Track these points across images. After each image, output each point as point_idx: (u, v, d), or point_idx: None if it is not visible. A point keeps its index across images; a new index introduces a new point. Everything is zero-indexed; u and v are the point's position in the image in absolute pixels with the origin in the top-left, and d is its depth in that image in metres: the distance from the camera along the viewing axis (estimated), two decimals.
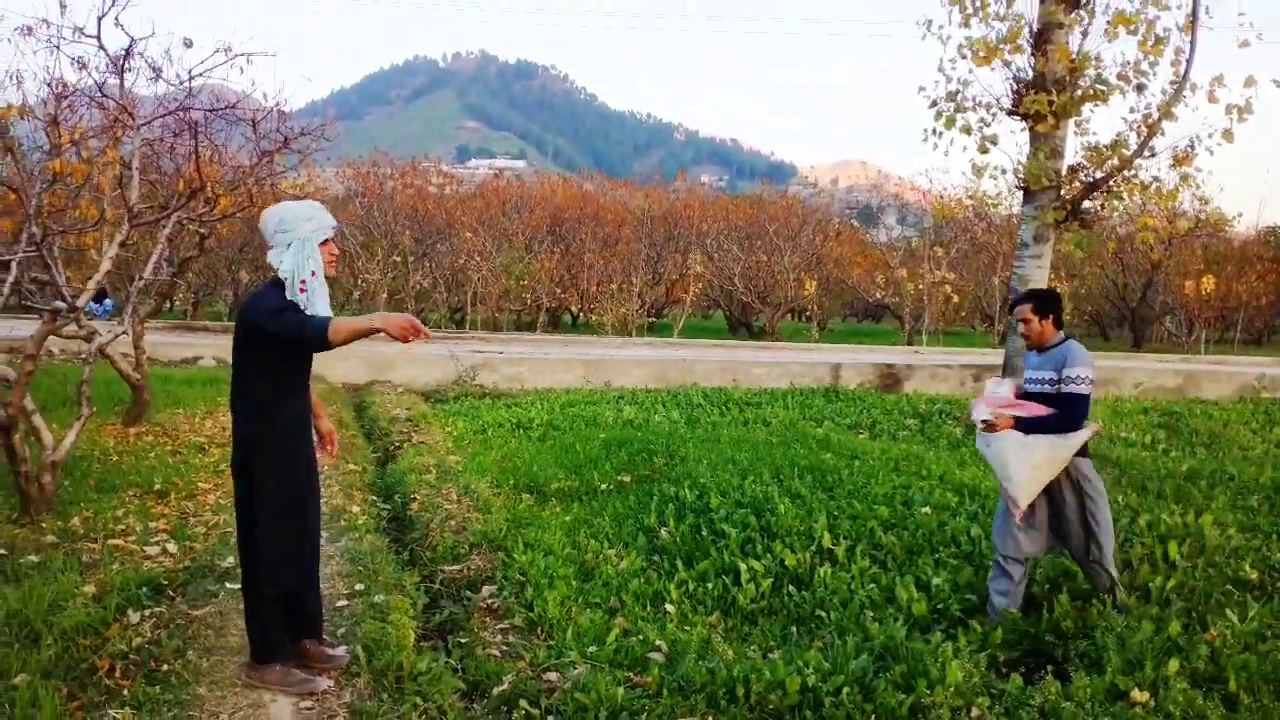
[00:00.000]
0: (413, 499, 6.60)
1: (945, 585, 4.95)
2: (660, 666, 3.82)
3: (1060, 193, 10.86)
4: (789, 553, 5.39)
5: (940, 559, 5.37)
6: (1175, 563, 5.17)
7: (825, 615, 4.72)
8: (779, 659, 3.85)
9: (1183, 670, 3.77)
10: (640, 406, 11.62)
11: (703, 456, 7.98)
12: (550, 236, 30.39)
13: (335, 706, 3.60)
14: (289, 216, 3.64)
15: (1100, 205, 11.07)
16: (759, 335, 30.07)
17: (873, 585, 5.02)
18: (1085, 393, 4.41)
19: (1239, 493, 7.01)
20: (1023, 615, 4.54)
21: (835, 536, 5.65)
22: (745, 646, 4.32)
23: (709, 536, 5.78)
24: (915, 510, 6.13)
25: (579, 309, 30.40)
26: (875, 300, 33.84)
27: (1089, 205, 10.91)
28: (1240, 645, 3.99)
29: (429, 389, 13.45)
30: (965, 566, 5.16)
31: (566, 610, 4.48)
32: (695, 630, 4.40)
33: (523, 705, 3.53)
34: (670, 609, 4.78)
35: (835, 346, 24.23)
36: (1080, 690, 3.64)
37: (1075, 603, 4.61)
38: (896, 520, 5.94)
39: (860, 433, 10.41)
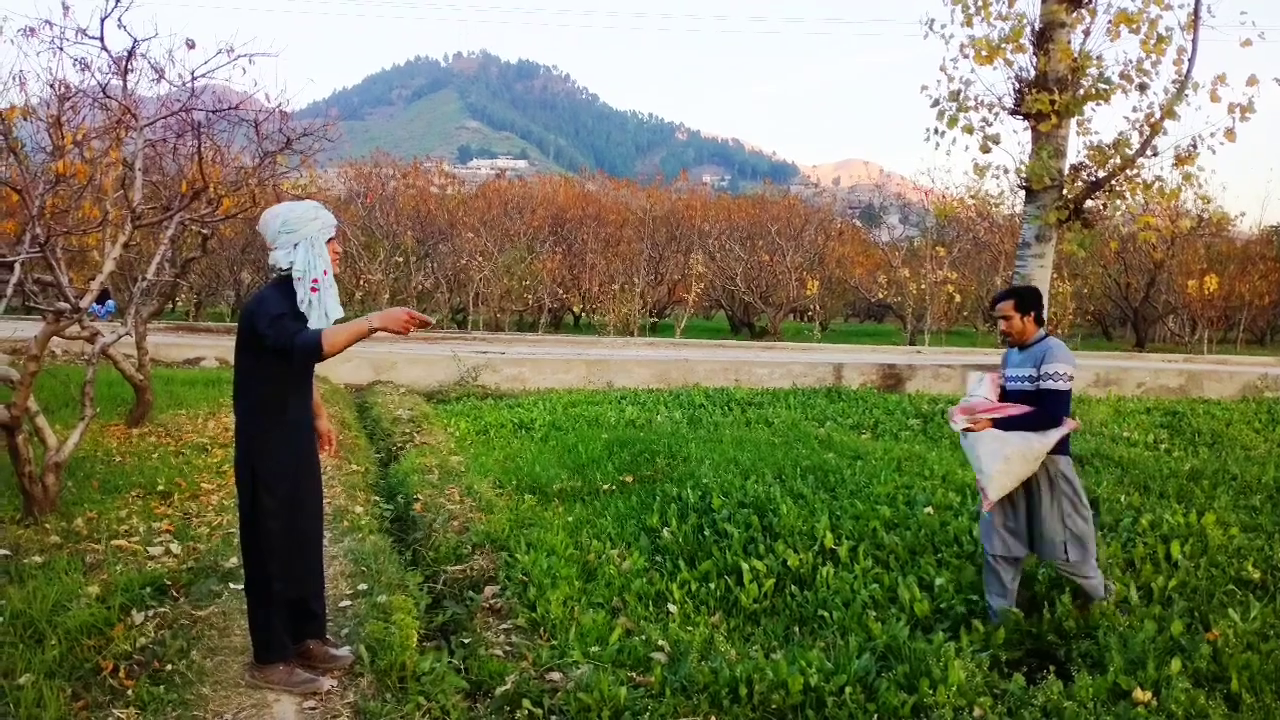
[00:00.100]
0: (415, 499, 6.61)
1: (948, 585, 4.96)
2: (663, 666, 3.83)
3: (1062, 192, 10.85)
4: (791, 553, 5.40)
5: (943, 559, 5.38)
6: (1178, 562, 5.17)
7: (828, 615, 4.72)
8: (782, 659, 3.85)
9: (1185, 670, 3.78)
10: (642, 407, 11.63)
11: (705, 457, 7.99)
12: (552, 237, 30.41)
13: (339, 706, 3.61)
14: (293, 217, 3.62)
15: (1103, 205, 11.05)
16: (761, 335, 30.07)
17: (875, 585, 5.02)
18: (1064, 389, 4.39)
19: (1241, 492, 7.01)
20: (1025, 615, 4.54)
21: (838, 536, 5.65)
22: (748, 646, 4.33)
23: (711, 537, 5.79)
24: (918, 510, 6.13)
25: (581, 309, 30.39)
26: (877, 300, 33.85)
27: (1091, 205, 10.89)
28: (1243, 645, 4.00)
29: (431, 389, 13.47)
30: (968, 566, 5.16)
31: (569, 610, 4.49)
32: (698, 630, 4.40)
33: (526, 705, 3.53)
34: (673, 609, 4.79)
35: (837, 346, 24.22)
36: (1082, 690, 3.64)
37: (1077, 602, 4.61)
38: (899, 520, 5.94)
39: (862, 433, 10.41)
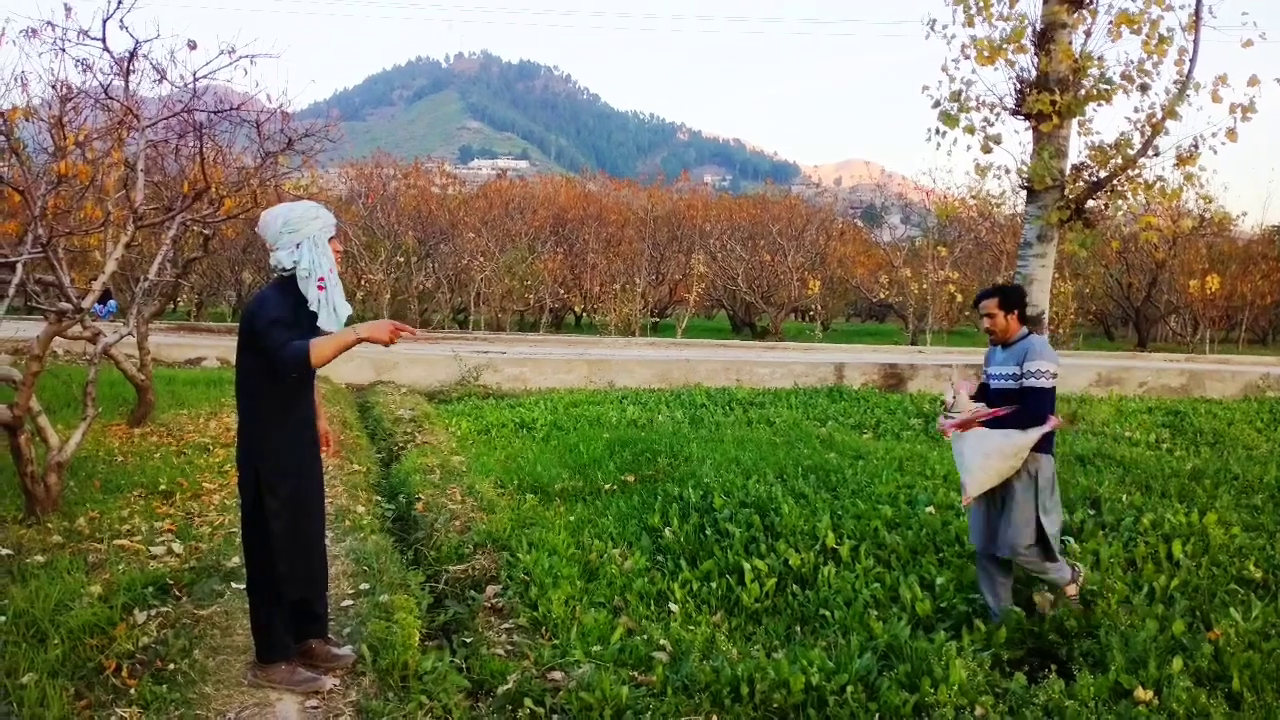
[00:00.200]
0: (417, 499, 6.61)
1: (949, 584, 4.96)
2: (664, 666, 3.83)
3: (1064, 192, 10.84)
4: (793, 552, 5.40)
5: (944, 558, 5.38)
6: (1179, 561, 5.18)
7: (829, 614, 4.72)
8: (783, 658, 3.86)
9: (1187, 669, 3.78)
10: (644, 406, 11.63)
11: (706, 456, 7.99)
12: (553, 237, 30.40)
13: (341, 705, 3.61)
14: (294, 217, 3.63)
15: (1104, 205, 11.04)
16: (762, 335, 30.05)
17: (877, 585, 5.03)
18: (1047, 387, 4.40)
19: (1243, 492, 7.01)
20: (1026, 614, 4.55)
21: (839, 536, 5.66)
22: (749, 646, 4.33)
23: (713, 536, 5.79)
24: (919, 510, 6.14)
25: (582, 309, 30.39)
26: (879, 300, 33.80)
27: (1093, 205, 10.88)
28: (1244, 644, 4.00)
29: (433, 389, 13.47)
30: (969, 566, 5.16)
31: (571, 610, 4.49)
32: (699, 629, 4.41)
33: (527, 704, 3.54)
34: (674, 608, 4.79)
35: (839, 346, 24.21)
36: (1084, 689, 3.65)
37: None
38: (900, 520, 5.95)
39: (864, 432, 10.41)
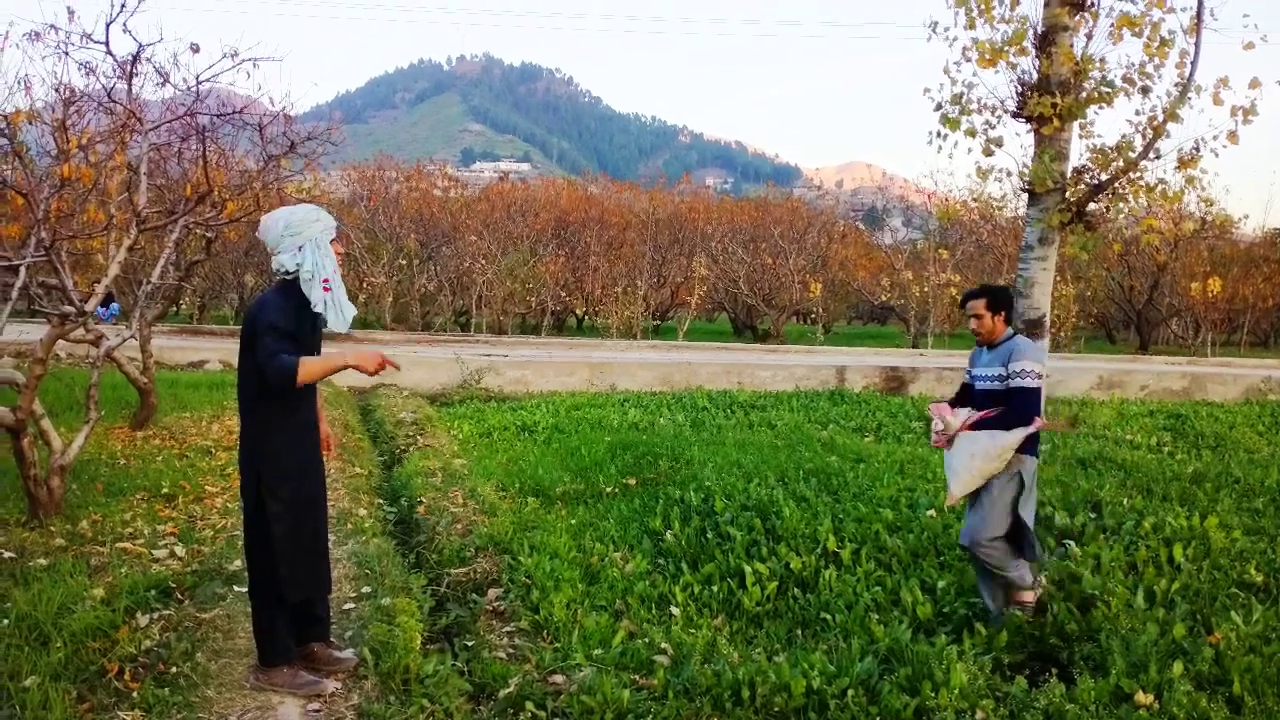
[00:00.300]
0: (419, 502, 6.62)
1: (950, 588, 4.96)
2: (666, 669, 3.84)
3: (1065, 195, 10.84)
4: (794, 556, 5.41)
5: (945, 562, 5.38)
6: (1180, 565, 5.17)
7: (830, 618, 4.73)
8: (784, 662, 3.86)
9: (1187, 673, 3.78)
10: (645, 410, 11.63)
11: (708, 460, 8.00)
12: (555, 239, 30.41)
13: (343, 709, 3.62)
14: (295, 220, 3.64)
15: (1105, 207, 11.04)
16: (764, 338, 30.05)
17: (878, 588, 5.03)
18: (1034, 387, 4.40)
19: (1244, 495, 7.00)
20: (1027, 618, 4.54)
21: (840, 539, 5.66)
22: (750, 649, 4.34)
23: (714, 539, 5.80)
24: (920, 513, 6.14)
25: (584, 312, 30.41)
26: (880, 303, 33.81)
27: (1094, 207, 10.88)
28: (1245, 648, 4.00)
29: (434, 392, 13.48)
30: (970, 569, 5.15)
31: (572, 613, 4.50)
32: (700, 633, 4.41)
33: (529, 707, 3.55)
34: (675, 612, 4.80)
35: (840, 349, 24.20)
36: (1085, 693, 3.65)
37: (1079, 606, 4.61)
38: (901, 523, 5.95)
39: (865, 436, 10.41)
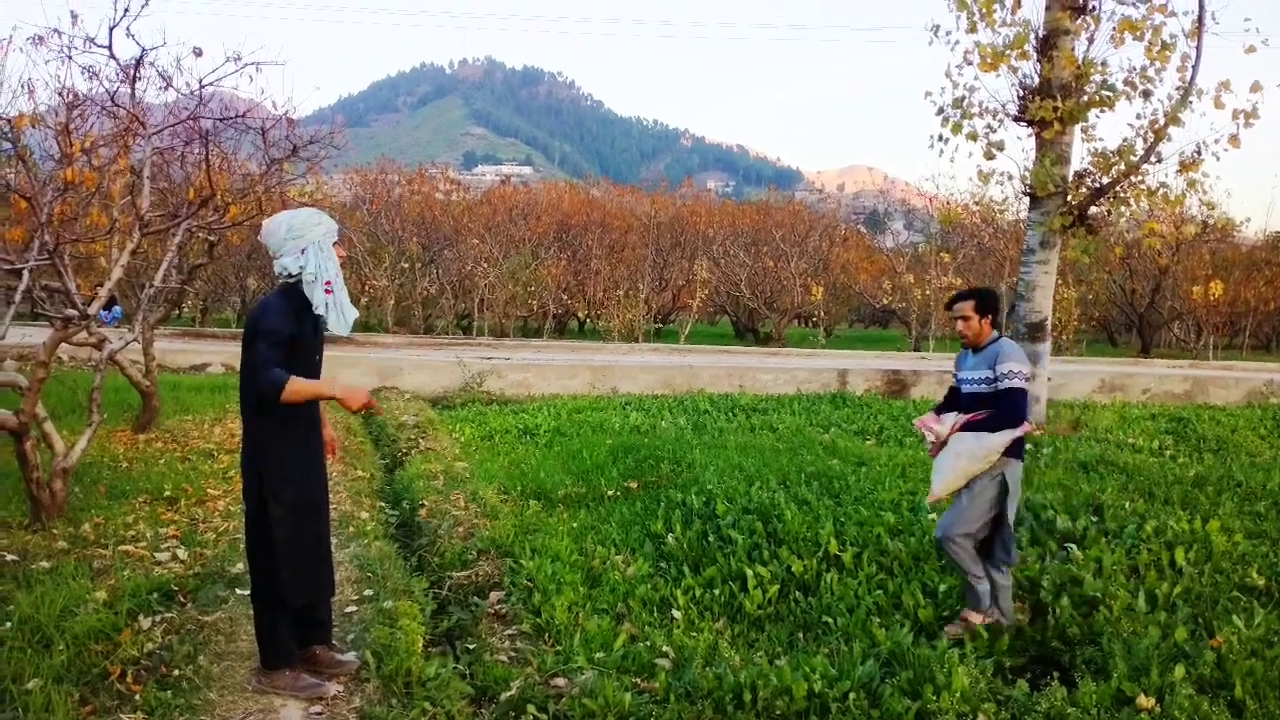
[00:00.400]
0: (421, 505, 6.62)
1: (951, 592, 4.96)
2: (667, 672, 3.84)
3: (1067, 199, 10.87)
4: (796, 559, 5.41)
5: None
6: (1182, 569, 5.17)
7: (832, 621, 4.73)
8: (786, 665, 3.86)
9: (1189, 676, 3.78)
10: (647, 413, 11.64)
11: (710, 463, 8.00)
12: (557, 243, 30.47)
13: (345, 711, 3.63)
14: (297, 223, 3.66)
15: (1107, 211, 11.06)
16: (766, 341, 30.05)
17: (879, 591, 5.03)
18: (1022, 387, 4.40)
19: (1246, 499, 6.99)
20: (1029, 621, 4.55)
21: (842, 543, 5.66)
22: (752, 652, 4.34)
23: (716, 543, 5.80)
24: (922, 516, 6.13)
25: (586, 315, 30.43)
26: (882, 306, 33.80)
27: (1095, 211, 10.91)
28: (1247, 651, 4.00)
29: (436, 395, 13.49)
30: None
31: (574, 616, 4.50)
32: (702, 636, 4.42)
33: (531, 710, 3.55)
34: (677, 615, 4.80)
35: (842, 352, 24.19)
36: (1086, 696, 3.65)
37: (1081, 609, 4.61)
38: (903, 526, 5.95)
39: (867, 439, 10.40)
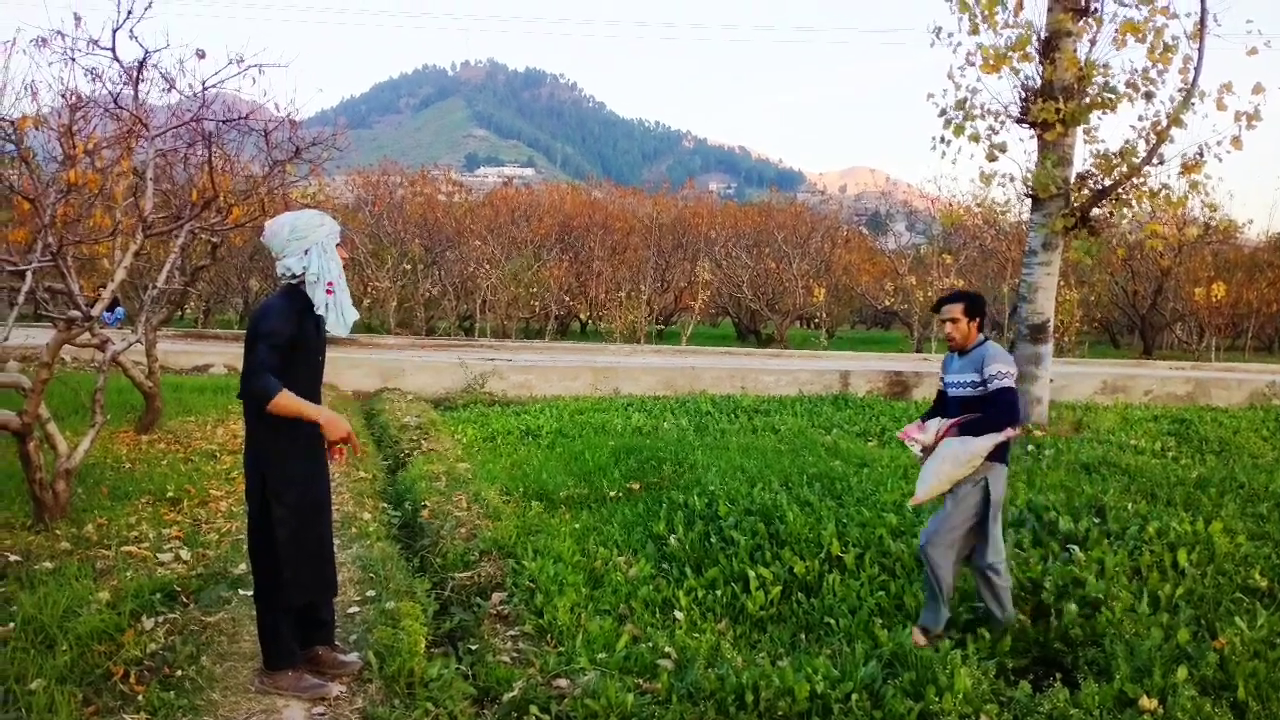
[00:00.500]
0: (423, 506, 6.63)
1: (954, 593, 4.95)
2: (669, 673, 3.84)
3: (1069, 200, 10.86)
4: (798, 560, 5.41)
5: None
6: (1185, 570, 5.17)
7: (834, 622, 4.73)
8: (788, 666, 3.86)
9: (1191, 678, 3.78)
10: (649, 414, 11.64)
11: (711, 464, 8.00)
12: (559, 244, 30.49)
13: (348, 712, 3.63)
14: (301, 224, 3.68)
15: (1109, 212, 11.06)
16: (767, 342, 30.05)
17: (881, 593, 5.03)
18: (1013, 386, 4.42)
19: (1249, 500, 6.99)
20: (1031, 623, 4.54)
21: (844, 544, 5.66)
22: (754, 653, 4.34)
23: (718, 544, 5.80)
24: (924, 518, 6.13)
25: (587, 316, 30.47)
26: (884, 307, 33.79)
27: (1098, 212, 10.91)
28: (1249, 653, 3.99)
29: (438, 396, 13.50)
30: (972, 574, 5.15)
31: (576, 617, 4.50)
32: (704, 637, 4.42)
33: (533, 711, 3.55)
34: (679, 616, 4.80)
35: (844, 354, 24.19)
36: (1089, 698, 3.65)
37: (1084, 610, 4.61)
38: (905, 528, 5.94)
39: (869, 440, 10.40)
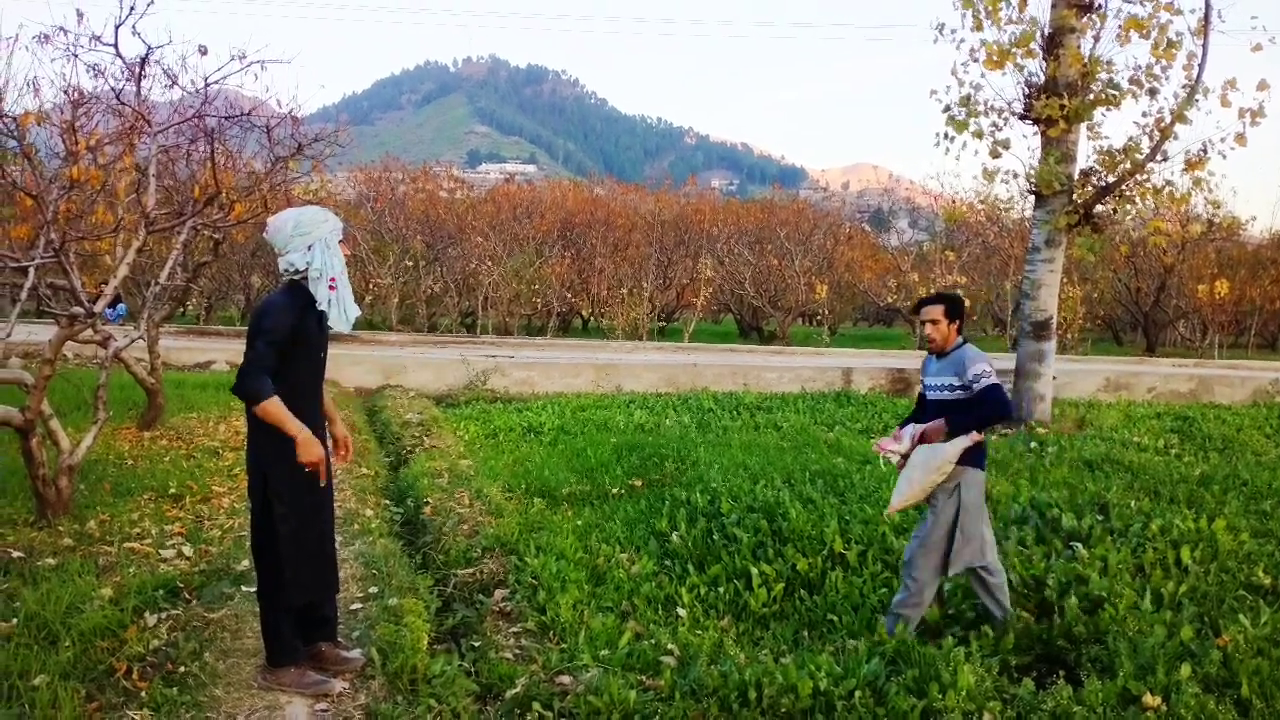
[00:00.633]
0: (425, 503, 6.63)
1: (956, 590, 4.96)
2: (672, 670, 3.84)
3: (1072, 197, 10.85)
4: (800, 557, 5.41)
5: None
6: (1188, 567, 5.17)
7: (837, 619, 4.73)
8: (791, 663, 3.86)
9: (1195, 675, 3.77)
10: (651, 411, 11.64)
11: (714, 461, 8.00)
12: (561, 241, 30.43)
13: (350, 709, 3.63)
14: (304, 220, 3.68)
15: (1112, 209, 11.05)
16: (770, 339, 30.01)
17: (884, 590, 5.03)
18: (998, 383, 4.39)
19: (1252, 497, 6.98)
20: (1034, 620, 4.54)
21: (847, 541, 5.66)
22: (757, 650, 4.34)
23: (720, 541, 5.80)
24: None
25: (590, 313, 30.42)
26: (887, 304, 33.71)
27: (1101, 209, 10.90)
28: (1253, 650, 3.99)
29: (440, 393, 13.50)
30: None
31: (579, 614, 4.50)
32: (707, 634, 4.42)
33: (536, 708, 3.55)
34: (682, 613, 4.80)
35: (846, 351, 24.16)
36: (1092, 695, 3.64)
37: (1087, 607, 4.60)
38: (907, 525, 5.94)
39: (872, 437, 10.40)
